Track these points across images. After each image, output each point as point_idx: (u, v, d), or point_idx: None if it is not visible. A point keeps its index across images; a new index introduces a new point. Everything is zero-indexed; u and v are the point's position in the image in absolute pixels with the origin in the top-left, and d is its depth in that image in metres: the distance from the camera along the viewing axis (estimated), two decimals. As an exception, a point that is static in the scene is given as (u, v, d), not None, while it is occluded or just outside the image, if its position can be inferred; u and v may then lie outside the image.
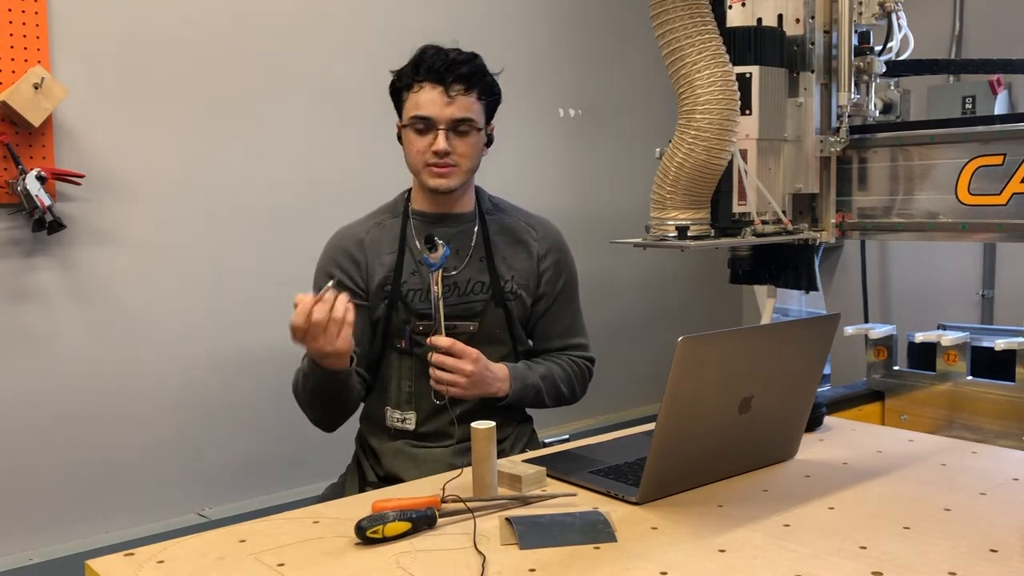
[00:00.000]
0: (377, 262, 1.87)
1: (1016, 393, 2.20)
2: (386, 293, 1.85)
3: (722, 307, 3.76)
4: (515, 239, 1.94)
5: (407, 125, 1.83)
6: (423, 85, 1.80)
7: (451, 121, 1.80)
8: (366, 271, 1.87)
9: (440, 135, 1.79)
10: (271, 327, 2.55)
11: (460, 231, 1.89)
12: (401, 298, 1.84)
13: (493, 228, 1.92)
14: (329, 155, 2.71)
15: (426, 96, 1.80)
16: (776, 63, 2.04)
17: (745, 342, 1.44)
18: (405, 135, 1.85)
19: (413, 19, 2.85)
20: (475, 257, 1.89)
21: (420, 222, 1.89)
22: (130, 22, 2.36)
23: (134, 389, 2.41)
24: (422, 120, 1.80)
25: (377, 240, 1.89)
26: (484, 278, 1.88)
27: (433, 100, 1.79)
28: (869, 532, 1.27)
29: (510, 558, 1.19)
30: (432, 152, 1.80)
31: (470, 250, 1.89)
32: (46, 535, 2.28)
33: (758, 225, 2.02)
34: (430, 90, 1.80)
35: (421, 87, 1.80)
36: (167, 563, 1.21)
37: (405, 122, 1.84)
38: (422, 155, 1.82)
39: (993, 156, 1.92)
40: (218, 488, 2.55)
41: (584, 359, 1.98)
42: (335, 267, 1.88)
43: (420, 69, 1.81)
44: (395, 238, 1.89)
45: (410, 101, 1.83)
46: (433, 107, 1.79)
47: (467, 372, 1.73)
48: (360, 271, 1.87)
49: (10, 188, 2.14)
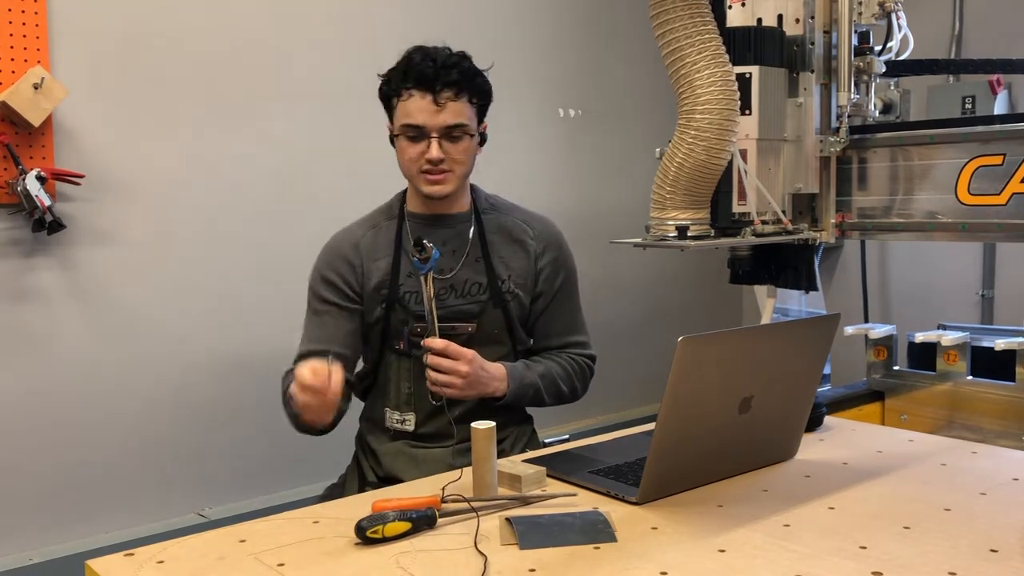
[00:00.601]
0: (373, 265, 1.87)
1: (1016, 393, 2.20)
2: (383, 296, 1.85)
3: (722, 307, 3.76)
4: (512, 238, 1.93)
5: (399, 134, 1.81)
6: (412, 93, 1.77)
7: (443, 128, 1.78)
8: (361, 275, 1.87)
9: (433, 143, 1.77)
10: (271, 327, 2.56)
11: (456, 232, 1.89)
12: (399, 300, 1.84)
13: (489, 227, 1.91)
14: (329, 155, 2.71)
15: (415, 104, 1.77)
16: (776, 63, 2.04)
17: (745, 342, 1.44)
18: (397, 142, 1.83)
19: (413, 19, 2.85)
20: (472, 257, 1.88)
21: (415, 224, 1.89)
22: (130, 22, 2.37)
23: (134, 389, 2.41)
24: (413, 128, 1.78)
25: (372, 243, 1.89)
26: (481, 278, 1.87)
27: (423, 108, 1.77)
28: (869, 532, 1.27)
29: (510, 558, 1.19)
30: (425, 160, 1.79)
31: (466, 250, 1.89)
32: (46, 535, 2.29)
33: (758, 225, 2.02)
34: (419, 98, 1.77)
35: (410, 95, 1.77)
36: (167, 563, 1.21)
37: (397, 130, 1.82)
38: (415, 163, 1.80)
39: (993, 156, 1.92)
40: (218, 488, 2.55)
41: (584, 356, 1.98)
42: (331, 271, 1.88)
43: (408, 76, 1.78)
44: (391, 241, 1.88)
45: (400, 109, 1.80)
46: (423, 115, 1.77)
47: (462, 373, 1.73)
48: (355, 275, 1.87)
49: (10, 188, 2.14)
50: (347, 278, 1.87)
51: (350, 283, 1.87)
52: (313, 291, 1.90)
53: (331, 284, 1.87)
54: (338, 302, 1.86)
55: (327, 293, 1.87)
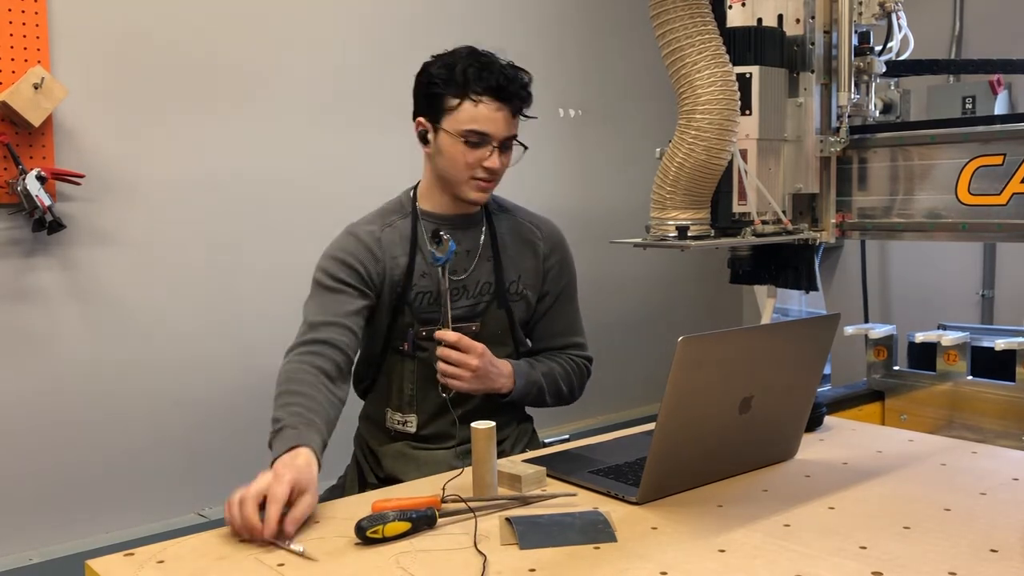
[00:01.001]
0: (393, 262, 1.83)
1: (1016, 393, 2.20)
2: (396, 295, 1.83)
3: (722, 307, 3.76)
4: (522, 239, 1.93)
5: (459, 135, 1.76)
6: (483, 99, 1.74)
7: (504, 140, 1.78)
8: (384, 269, 1.82)
9: (495, 153, 1.77)
10: (271, 327, 2.55)
11: (469, 233, 1.88)
12: (409, 302, 1.83)
13: (501, 228, 1.91)
14: (329, 155, 2.71)
15: (486, 111, 1.74)
16: (776, 63, 2.04)
17: (745, 342, 1.44)
18: (451, 143, 1.77)
19: (414, 20, 2.85)
20: (483, 258, 1.88)
21: (430, 223, 1.86)
22: (130, 22, 2.36)
23: (134, 389, 2.41)
24: (478, 135, 1.76)
25: (391, 240, 1.84)
26: (491, 279, 1.87)
27: (493, 118, 1.75)
28: (869, 532, 1.27)
29: (510, 558, 1.19)
30: (483, 168, 1.77)
31: (479, 251, 1.89)
32: (46, 535, 2.28)
33: (758, 225, 2.02)
34: (493, 107, 1.75)
35: (480, 100, 1.74)
36: (167, 563, 1.21)
37: (459, 131, 1.76)
38: (471, 169, 1.78)
39: (993, 156, 1.92)
40: (218, 488, 2.54)
41: (583, 358, 1.98)
42: (351, 257, 1.80)
43: (482, 82, 1.74)
44: (406, 239, 1.85)
45: (465, 112, 1.75)
46: (493, 125, 1.75)
47: (472, 367, 1.73)
48: (378, 267, 1.81)
49: (10, 188, 2.14)
50: (368, 268, 1.80)
51: (371, 273, 1.80)
52: (326, 271, 1.79)
53: (350, 267, 1.79)
54: (355, 284, 1.78)
55: (343, 275, 1.79)
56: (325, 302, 1.77)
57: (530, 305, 1.92)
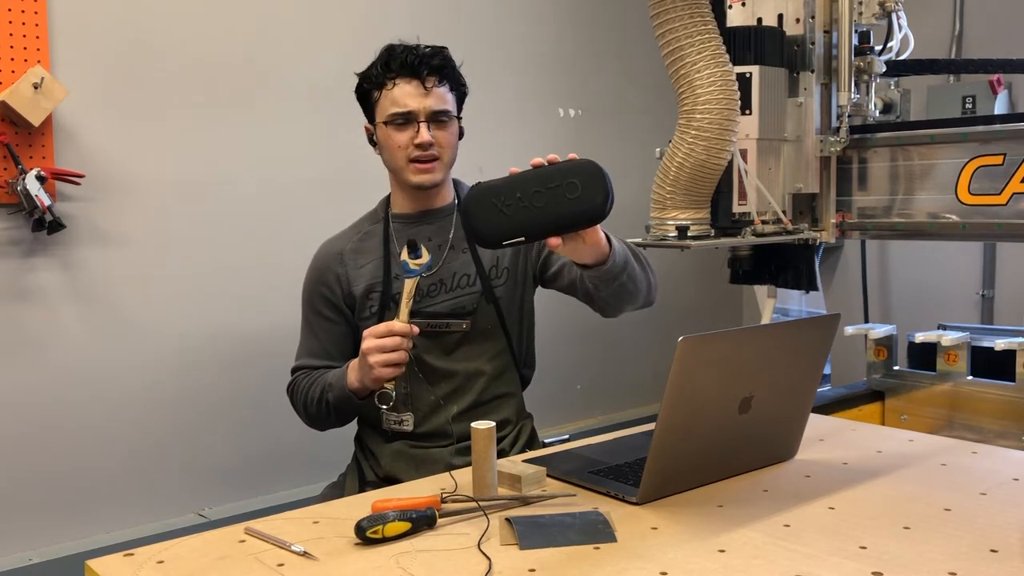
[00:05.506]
0: (357, 272, 1.88)
1: (1016, 393, 2.20)
2: (373, 300, 1.86)
3: (722, 307, 3.76)
4: None
5: (387, 122, 1.83)
6: (396, 81, 1.81)
7: (431, 113, 1.81)
8: (347, 283, 1.89)
9: (422, 127, 1.80)
10: (271, 327, 2.56)
11: (440, 226, 1.90)
12: (393, 299, 1.84)
13: None
14: (329, 155, 2.71)
15: (402, 91, 1.81)
16: (776, 63, 2.04)
17: (745, 342, 1.44)
18: (384, 133, 1.84)
19: (412, 19, 2.85)
20: (458, 250, 1.88)
21: (401, 224, 1.90)
22: (130, 22, 2.36)
23: (134, 389, 2.41)
24: (402, 115, 1.81)
25: (357, 250, 1.91)
26: (470, 269, 1.88)
27: (410, 93, 1.80)
28: (869, 532, 1.27)
29: (510, 558, 1.19)
30: (415, 145, 1.81)
31: (449, 243, 1.88)
32: (46, 535, 2.29)
33: (758, 225, 2.02)
34: (405, 84, 1.81)
35: (395, 83, 1.81)
36: (167, 563, 1.21)
37: (384, 119, 1.83)
38: (404, 150, 1.82)
39: (993, 156, 1.92)
40: (218, 488, 2.55)
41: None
42: (319, 284, 1.91)
43: (392, 65, 1.82)
44: (378, 245, 1.90)
45: (385, 99, 1.83)
46: (412, 100, 1.80)
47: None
48: (340, 284, 1.89)
49: (10, 188, 2.14)
50: (333, 288, 1.90)
51: (336, 293, 1.90)
52: (305, 302, 1.94)
53: (320, 296, 1.91)
54: (328, 314, 1.91)
55: (318, 304, 1.91)
56: (310, 339, 1.93)
57: (517, 282, 1.91)
